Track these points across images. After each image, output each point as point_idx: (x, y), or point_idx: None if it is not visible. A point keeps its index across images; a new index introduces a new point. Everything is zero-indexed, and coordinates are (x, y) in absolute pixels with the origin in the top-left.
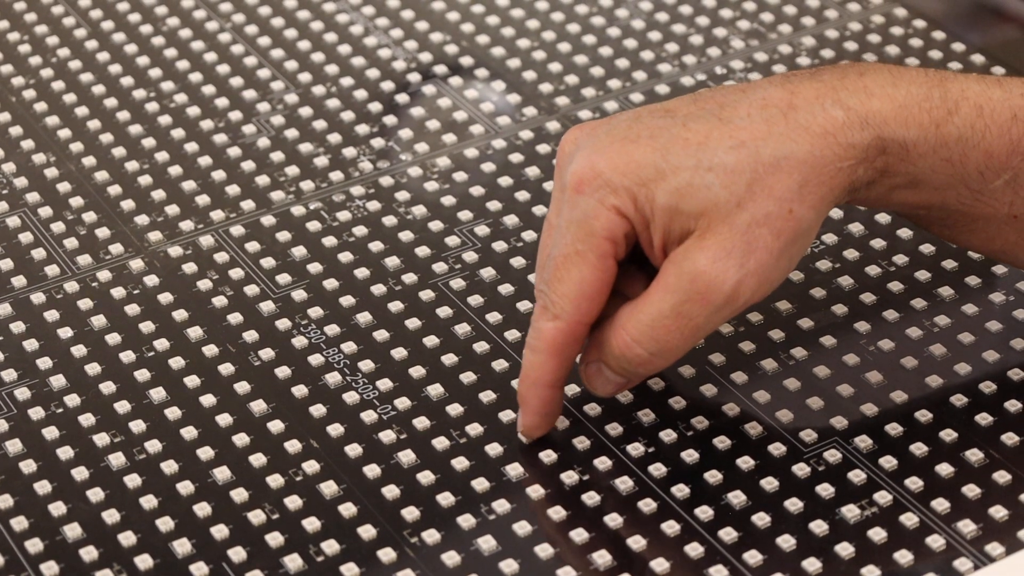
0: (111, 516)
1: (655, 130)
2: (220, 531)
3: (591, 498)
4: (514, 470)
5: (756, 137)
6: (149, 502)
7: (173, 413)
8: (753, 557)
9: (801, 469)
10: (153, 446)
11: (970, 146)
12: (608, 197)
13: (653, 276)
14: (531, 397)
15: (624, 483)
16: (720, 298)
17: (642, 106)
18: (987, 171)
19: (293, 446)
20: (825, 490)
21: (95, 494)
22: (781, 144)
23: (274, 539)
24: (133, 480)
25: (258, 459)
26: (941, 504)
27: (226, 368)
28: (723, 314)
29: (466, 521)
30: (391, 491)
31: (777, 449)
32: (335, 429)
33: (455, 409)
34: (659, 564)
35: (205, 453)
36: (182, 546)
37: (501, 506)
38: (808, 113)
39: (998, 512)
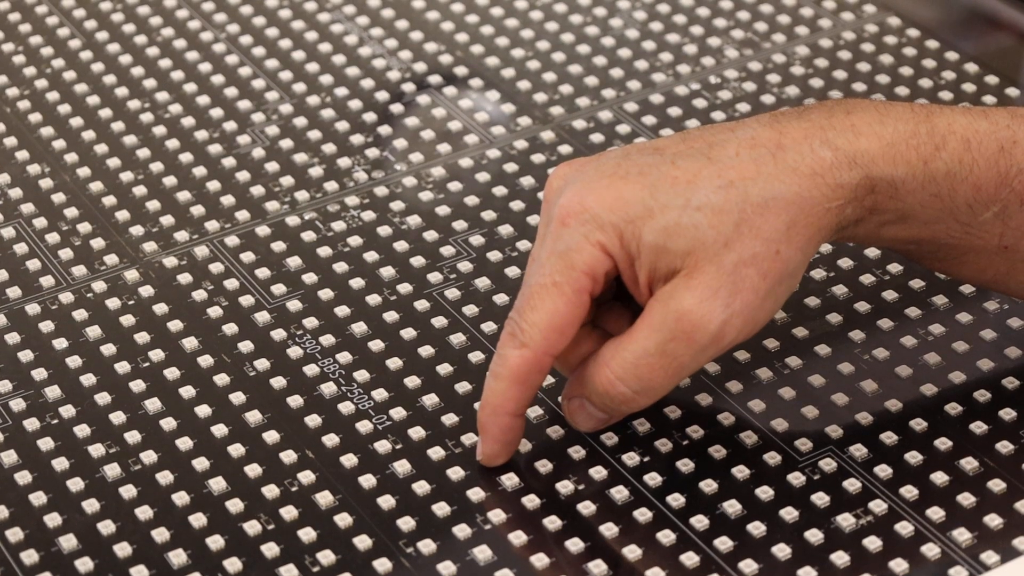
0: (106, 527)
1: (644, 167)
2: (216, 542)
3: (587, 507)
4: (509, 480)
5: (745, 177)
6: (144, 513)
7: (168, 424)
8: (749, 566)
9: (796, 478)
10: (148, 457)
11: (958, 180)
12: (594, 233)
13: (637, 313)
14: (491, 425)
15: (619, 492)
16: (706, 338)
17: (631, 143)
18: (976, 204)
19: (288, 456)
20: (820, 499)
21: (90, 505)
22: (769, 185)
23: (270, 550)
24: (128, 491)
25: (253, 470)
26: (936, 513)
27: (221, 379)
28: (708, 353)
29: (462, 531)
30: (387, 501)
31: (772, 458)
32: (330, 439)
33: (450, 419)
34: (655, 573)
35: (200, 464)
36: (178, 557)
37: (497, 516)
38: (796, 153)
39: (993, 520)
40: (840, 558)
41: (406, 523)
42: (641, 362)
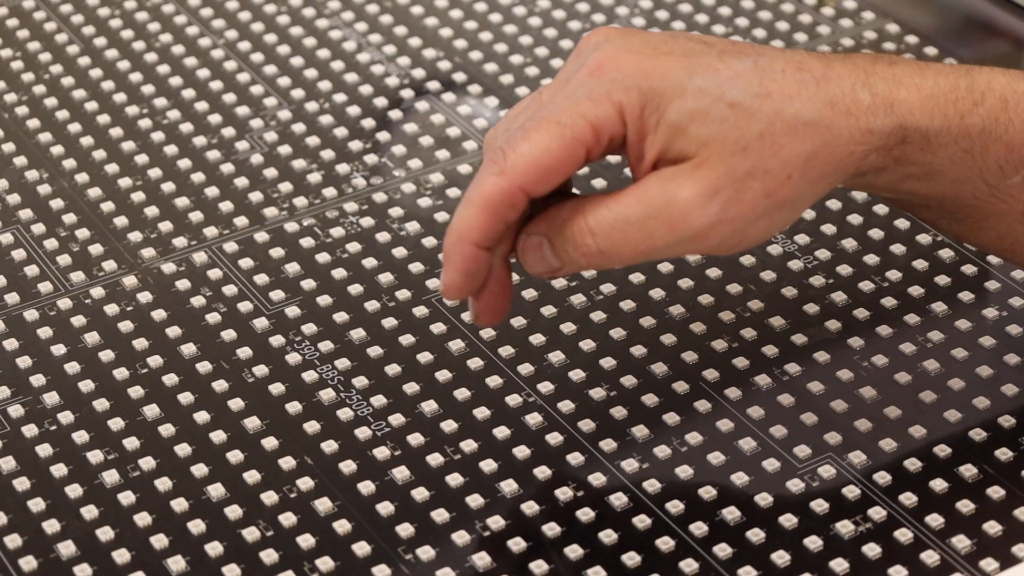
0: (105, 533)
1: (689, 51)
2: (214, 548)
3: (585, 514)
4: (508, 486)
5: (784, 93)
6: (143, 519)
7: (167, 430)
8: (748, 573)
9: (795, 485)
10: (147, 463)
11: (992, 139)
12: (618, 92)
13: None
14: (454, 253)
15: (618, 499)
16: (688, 232)
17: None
18: (1006, 165)
19: (287, 463)
20: (819, 506)
21: (89, 511)
22: (805, 108)
23: (268, 556)
24: (127, 497)
25: (252, 476)
26: (935, 520)
27: (220, 385)
28: (686, 248)
29: (460, 537)
30: (385, 507)
31: (771, 465)
32: (329, 446)
33: (449, 425)
34: None
35: (199, 470)
36: (176, 563)
37: (496, 522)
38: (838, 88)
39: (992, 527)
40: (839, 565)
41: (405, 529)
42: (618, 226)
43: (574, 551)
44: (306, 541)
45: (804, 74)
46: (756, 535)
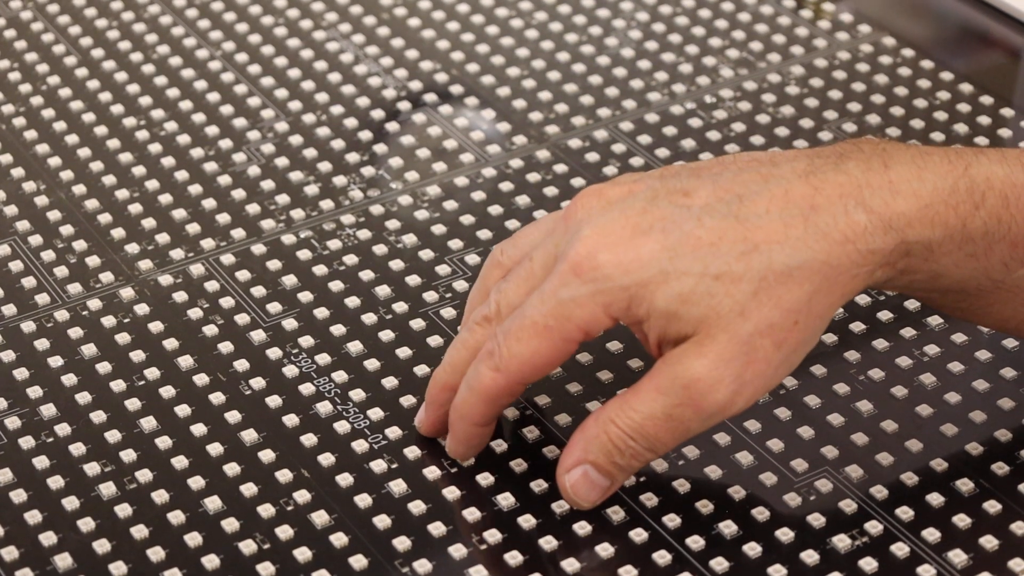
0: (102, 546)
1: (668, 223)
2: (211, 561)
3: (582, 528)
4: (505, 500)
5: (771, 240)
6: (140, 532)
7: (164, 442)
8: None
9: (792, 499)
10: (144, 475)
11: (996, 239)
12: (600, 294)
13: None
14: (459, 429)
15: (615, 513)
16: (713, 407)
17: (663, 174)
18: (1011, 262)
19: (284, 476)
20: (816, 520)
21: (86, 524)
22: (796, 252)
23: (265, 569)
24: (124, 510)
25: (249, 489)
26: (932, 534)
27: (217, 397)
28: (716, 419)
29: (458, 551)
30: (382, 521)
31: (768, 478)
32: (326, 459)
33: (446, 438)
34: None
35: (196, 483)
36: None
37: (492, 536)
38: (830, 216)
39: (989, 542)
40: None
41: (402, 543)
42: (647, 423)
43: (571, 565)
44: (303, 554)
45: (790, 209)
46: (753, 549)
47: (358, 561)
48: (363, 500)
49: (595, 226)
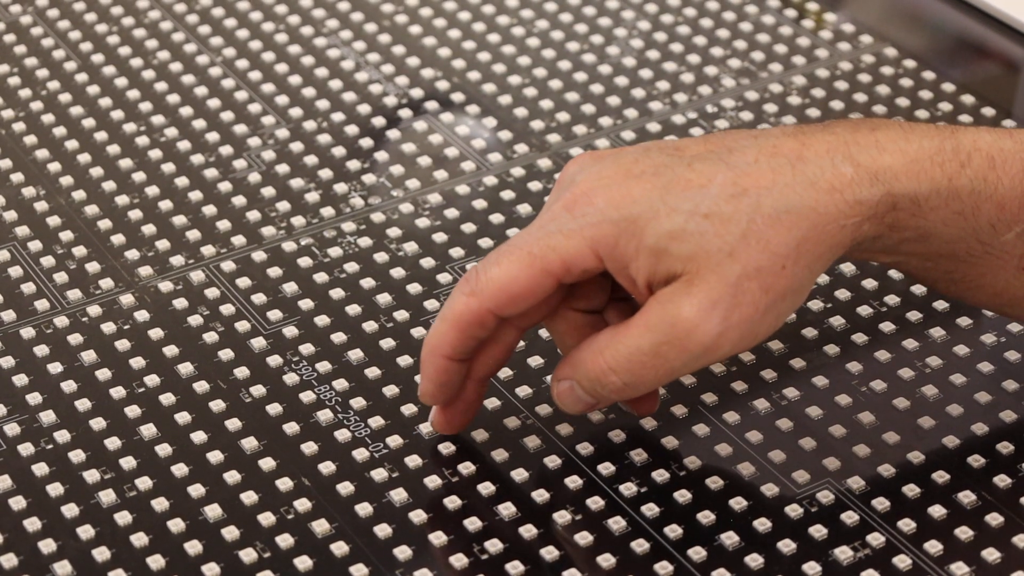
0: (101, 554)
1: (659, 167)
2: (211, 569)
3: (584, 538)
4: (506, 509)
5: (760, 186)
6: (140, 540)
7: (164, 450)
8: None
9: (794, 510)
10: (144, 483)
11: (983, 198)
12: (590, 228)
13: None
14: (428, 364)
15: (617, 523)
16: (699, 347)
17: (653, 140)
18: (999, 223)
19: (284, 484)
20: (818, 531)
21: (85, 531)
22: (784, 196)
23: None
24: (123, 517)
25: (249, 497)
26: (934, 546)
27: (217, 405)
28: (701, 361)
29: (458, 560)
30: (383, 530)
31: (770, 490)
32: (327, 467)
33: (447, 448)
34: None
35: (196, 490)
36: None
37: (494, 546)
38: (817, 167)
39: (991, 555)
40: None
41: (402, 552)
42: (634, 358)
43: (572, 575)
44: (303, 563)
45: (778, 159)
46: (755, 560)
47: (359, 570)
48: (364, 509)
49: (588, 173)
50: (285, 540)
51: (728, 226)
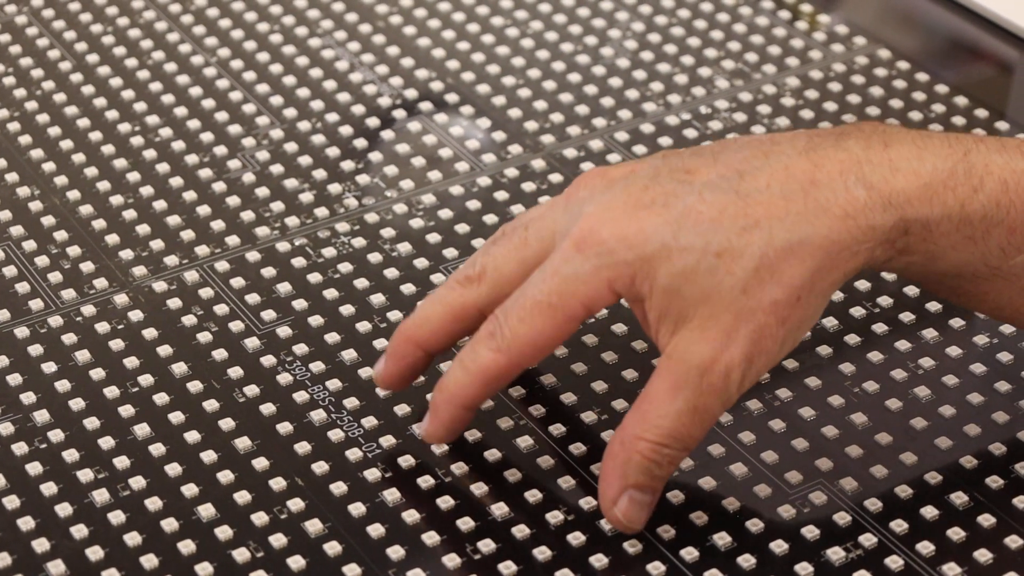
0: (95, 553)
1: (670, 197)
2: (204, 569)
3: (576, 538)
4: (499, 509)
5: (771, 216)
6: (133, 539)
7: (157, 449)
8: None
9: (786, 511)
10: (137, 482)
11: (994, 223)
12: (604, 268)
13: None
14: (444, 411)
15: (609, 524)
16: (733, 388)
17: (666, 155)
18: (1008, 247)
19: (278, 484)
20: (810, 532)
21: (79, 530)
22: (797, 226)
23: None
24: (117, 517)
25: (243, 496)
26: (926, 547)
27: (211, 404)
28: (735, 398)
29: (451, 560)
30: (376, 530)
31: (762, 490)
32: (320, 467)
33: (440, 447)
34: None
35: (189, 490)
36: None
37: (486, 546)
38: (830, 191)
39: (983, 556)
40: None
41: (395, 552)
42: (677, 424)
43: (565, 575)
44: (296, 563)
45: (790, 184)
46: (747, 561)
47: (351, 570)
48: (357, 509)
49: (597, 203)
50: (278, 540)
51: (740, 262)
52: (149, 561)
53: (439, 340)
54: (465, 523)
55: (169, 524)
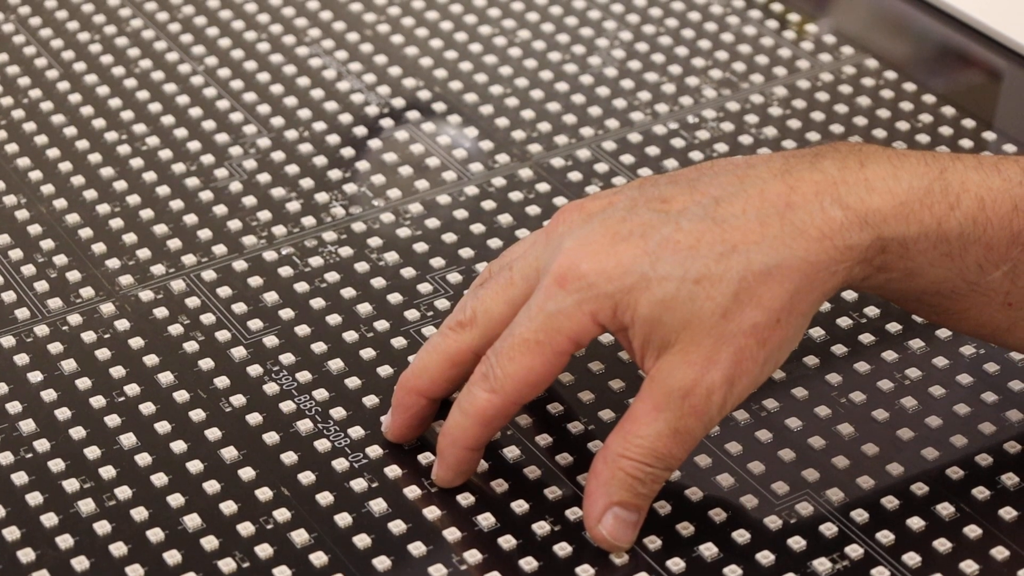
0: (80, 563)
1: (647, 228)
2: None
3: (563, 549)
4: (486, 520)
5: (748, 241)
6: (119, 549)
7: (143, 459)
8: None
9: (773, 522)
10: (123, 492)
11: (971, 240)
12: (587, 302)
13: None
14: (449, 455)
15: (595, 543)
16: (713, 410)
17: (642, 183)
18: (986, 264)
19: (264, 494)
20: (797, 543)
21: (64, 541)
22: (774, 250)
23: None
24: (103, 527)
25: (228, 507)
26: (912, 558)
27: (197, 414)
28: (716, 420)
29: (437, 571)
30: (362, 540)
31: (749, 501)
32: (306, 477)
33: (426, 458)
34: None
35: (175, 500)
36: None
37: (472, 556)
38: (806, 213)
39: (969, 567)
40: None
41: (382, 563)
42: (658, 444)
43: None
44: (282, 573)
45: (766, 208)
46: (733, 572)
47: None
48: (343, 519)
49: (576, 238)
50: (264, 550)
51: (719, 287)
52: (135, 571)
53: (439, 387)
54: (451, 533)
55: (155, 534)
